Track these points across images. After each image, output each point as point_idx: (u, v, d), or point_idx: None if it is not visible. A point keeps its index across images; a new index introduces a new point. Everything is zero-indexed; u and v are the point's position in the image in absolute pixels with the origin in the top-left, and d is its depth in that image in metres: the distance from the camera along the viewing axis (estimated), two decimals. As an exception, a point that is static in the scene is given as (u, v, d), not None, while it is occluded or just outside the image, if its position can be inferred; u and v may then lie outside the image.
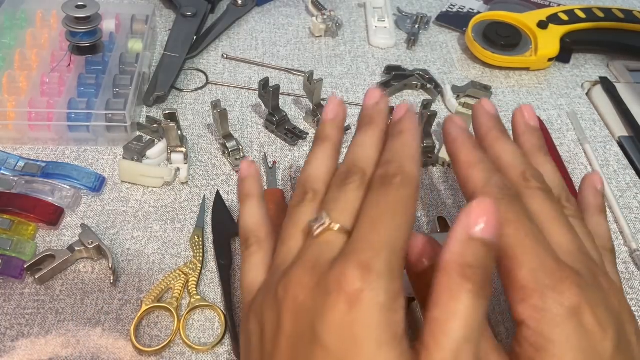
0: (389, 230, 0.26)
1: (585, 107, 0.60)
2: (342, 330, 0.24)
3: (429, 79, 0.59)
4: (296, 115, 0.56)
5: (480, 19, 0.66)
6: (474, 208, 0.25)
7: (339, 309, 0.24)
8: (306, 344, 0.24)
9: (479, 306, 0.24)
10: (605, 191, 0.50)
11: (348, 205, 0.29)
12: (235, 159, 0.49)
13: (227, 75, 0.60)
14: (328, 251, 0.27)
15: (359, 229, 0.27)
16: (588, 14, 0.66)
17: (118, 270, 0.41)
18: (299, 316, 0.25)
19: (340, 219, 0.28)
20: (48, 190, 0.45)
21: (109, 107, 0.49)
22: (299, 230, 0.30)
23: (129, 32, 0.59)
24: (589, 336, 0.26)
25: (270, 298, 0.27)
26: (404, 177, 0.28)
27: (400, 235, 0.27)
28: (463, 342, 0.23)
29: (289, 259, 0.29)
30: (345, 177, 0.30)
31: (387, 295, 0.24)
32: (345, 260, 0.25)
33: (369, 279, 0.24)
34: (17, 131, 0.49)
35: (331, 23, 0.65)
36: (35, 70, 0.52)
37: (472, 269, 0.24)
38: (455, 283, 0.24)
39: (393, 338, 0.24)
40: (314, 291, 0.25)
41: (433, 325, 0.24)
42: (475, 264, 0.24)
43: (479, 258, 0.25)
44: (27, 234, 0.42)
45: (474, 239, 0.25)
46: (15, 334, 0.37)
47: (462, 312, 0.24)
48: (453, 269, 0.24)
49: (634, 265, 0.45)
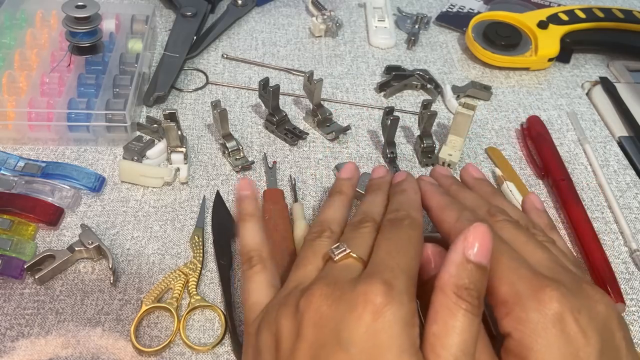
0: (404, 258, 0.30)
1: (585, 107, 0.60)
2: (367, 338, 0.26)
3: (429, 79, 0.59)
4: (296, 115, 0.56)
5: (480, 19, 0.66)
6: (469, 233, 0.28)
7: (365, 319, 0.26)
8: (329, 352, 0.26)
9: (474, 323, 0.27)
10: (605, 191, 0.50)
11: (364, 242, 0.32)
12: (235, 159, 0.49)
13: (227, 75, 0.60)
14: (348, 273, 0.30)
15: (376, 256, 0.30)
16: (588, 14, 0.66)
17: (118, 270, 0.41)
18: (322, 325, 0.27)
19: (357, 250, 0.31)
20: (48, 190, 0.45)
21: (109, 107, 0.49)
22: (317, 257, 0.33)
23: (129, 32, 0.59)
24: (571, 343, 0.27)
25: (289, 311, 0.29)
26: (412, 221, 0.33)
27: (413, 264, 0.30)
28: (461, 354, 0.26)
29: (307, 280, 0.31)
30: (360, 222, 0.34)
31: (407, 311, 0.27)
32: (370, 277, 0.28)
33: (392, 294, 0.27)
34: (17, 131, 0.49)
35: (331, 23, 0.65)
36: (35, 70, 0.52)
37: (467, 290, 0.27)
38: (452, 302, 0.27)
39: (412, 347, 0.26)
40: (337, 303, 0.27)
41: (433, 340, 0.26)
42: (470, 285, 0.27)
43: (473, 280, 0.27)
44: (27, 234, 0.42)
45: (469, 262, 0.27)
46: (15, 334, 0.37)
47: (459, 328, 0.26)
48: (450, 289, 0.27)
49: (634, 266, 0.45)
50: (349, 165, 0.42)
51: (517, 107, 0.59)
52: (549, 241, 0.35)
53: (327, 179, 0.49)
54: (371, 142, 0.53)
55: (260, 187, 0.48)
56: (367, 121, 0.56)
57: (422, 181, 0.40)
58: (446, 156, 0.51)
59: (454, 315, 0.26)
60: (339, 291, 0.28)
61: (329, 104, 0.56)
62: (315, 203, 0.47)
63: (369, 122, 0.56)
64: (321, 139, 0.53)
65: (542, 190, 0.50)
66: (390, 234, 0.32)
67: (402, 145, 0.53)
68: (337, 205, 0.38)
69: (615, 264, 0.44)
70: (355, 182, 0.42)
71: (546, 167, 0.51)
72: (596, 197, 0.50)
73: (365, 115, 0.56)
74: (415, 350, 0.26)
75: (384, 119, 0.50)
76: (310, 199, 0.48)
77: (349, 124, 0.54)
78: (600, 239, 0.45)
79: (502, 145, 0.54)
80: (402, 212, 0.34)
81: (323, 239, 0.34)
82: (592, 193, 0.50)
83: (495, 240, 0.31)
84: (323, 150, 0.52)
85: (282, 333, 0.28)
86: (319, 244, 0.34)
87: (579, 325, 0.27)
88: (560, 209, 0.48)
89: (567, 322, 0.27)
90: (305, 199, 0.48)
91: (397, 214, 0.34)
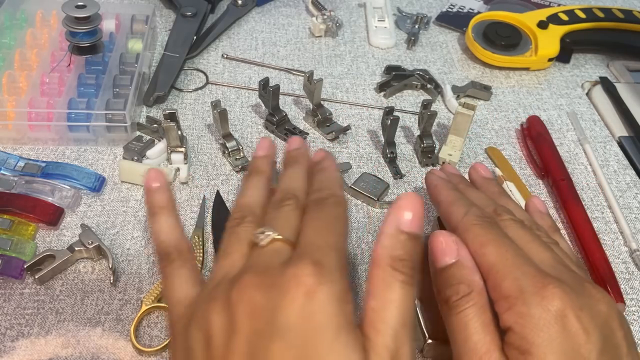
0: (333, 236, 0.29)
1: (585, 107, 0.60)
2: (302, 321, 0.25)
3: (429, 79, 0.59)
4: (296, 115, 0.56)
5: (480, 19, 0.66)
6: (401, 202, 0.28)
7: (298, 302, 0.25)
8: (265, 341, 0.25)
9: (410, 293, 0.27)
10: (605, 191, 0.50)
11: (288, 221, 0.31)
12: (235, 159, 0.49)
13: (227, 75, 0.60)
14: (277, 258, 0.28)
15: (305, 237, 0.29)
16: (588, 14, 0.66)
17: (118, 270, 0.41)
18: (256, 315, 0.26)
19: (283, 232, 0.30)
20: (48, 190, 0.45)
21: (109, 107, 0.49)
22: (242, 244, 0.31)
23: (129, 32, 0.59)
24: (572, 339, 0.27)
25: (219, 305, 0.27)
26: (337, 199, 0.32)
27: (342, 240, 0.30)
28: (400, 327, 0.26)
29: (234, 270, 0.29)
30: (281, 201, 0.33)
31: (340, 288, 0.26)
32: (299, 258, 0.27)
33: (323, 272, 0.26)
34: (17, 131, 0.49)
35: (331, 23, 0.65)
36: (35, 70, 0.52)
37: (402, 262, 0.27)
38: (388, 275, 0.27)
39: (349, 324, 0.25)
40: (270, 290, 0.26)
41: (372, 314, 0.26)
42: (404, 256, 0.27)
43: (407, 250, 0.27)
44: (27, 234, 0.42)
45: (402, 233, 0.28)
46: (15, 334, 0.37)
47: (396, 301, 0.26)
48: (385, 261, 0.27)
49: (633, 265, 0.45)
50: (263, 142, 0.39)
51: (517, 107, 0.59)
52: (553, 242, 0.35)
53: (327, 179, 0.49)
54: (371, 142, 0.53)
55: (260, 187, 0.48)
56: (367, 121, 0.56)
57: (433, 175, 0.40)
58: (446, 156, 0.51)
59: (391, 288, 0.27)
60: (270, 278, 0.27)
61: (329, 104, 0.56)
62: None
63: (369, 122, 0.56)
64: (321, 139, 0.53)
65: (542, 190, 0.50)
66: (317, 213, 0.31)
67: (402, 145, 0.53)
68: (256, 185, 0.36)
69: (615, 264, 0.44)
70: (272, 158, 0.39)
71: (546, 167, 0.51)
72: (596, 197, 0.50)
73: (365, 115, 0.56)
74: (352, 326, 0.26)
75: (384, 119, 0.50)
76: (310, 199, 0.48)
77: (349, 124, 0.54)
78: (600, 239, 0.45)
79: (502, 145, 0.54)
80: (326, 190, 0.33)
81: (246, 224, 0.32)
82: (592, 193, 0.50)
83: (501, 236, 0.32)
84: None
85: (214, 329, 0.27)
86: (243, 230, 0.32)
87: (580, 322, 0.27)
88: (560, 209, 0.48)
89: (569, 319, 0.27)
90: (305, 199, 0.47)
91: (321, 194, 0.33)
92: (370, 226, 0.46)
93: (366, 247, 0.44)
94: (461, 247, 0.32)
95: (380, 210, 0.47)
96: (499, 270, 0.30)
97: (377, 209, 0.47)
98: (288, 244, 0.29)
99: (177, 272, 0.32)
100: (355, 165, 0.51)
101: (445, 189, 0.38)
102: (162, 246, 0.33)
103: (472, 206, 0.35)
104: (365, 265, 0.43)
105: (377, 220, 0.46)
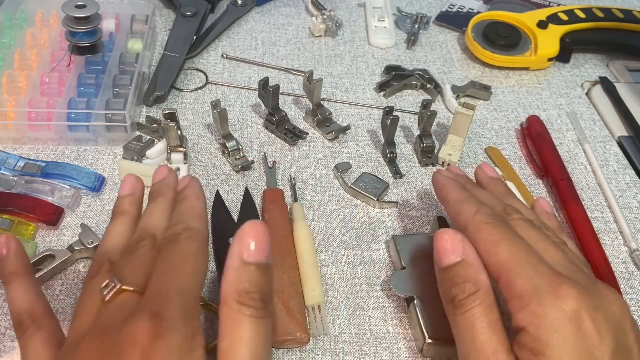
0: (178, 277, 0.27)
1: (585, 107, 0.60)
2: None
3: (429, 79, 0.59)
4: (296, 115, 0.56)
5: (480, 19, 0.66)
6: (244, 232, 0.26)
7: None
8: None
9: (262, 325, 0.26)
10: (605, 191, 0.50)
11: (140, 267, 0.29)
12: (235, 159, 0.49)
13: (227, 75, 0.60)
14: (122, 313, 0.27)
15: (151, 284, 0.27)
16: (588, 14, 0.66)
17: (118, 270, 0.41)
18: None
19: (132, 280, 0.28)
20: (48, 190, 0.45)
21: (109, 107, 0.49)
22: (92, 302, 0.29)
23: (129, 32, 0.59)
24: (587, 341, 0.27)
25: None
26: (190, 233, 0.30)
27: (192, 281, 0.28)
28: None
29: (83, 332, 0.27)
30: (137, 243, 0.31)
31: (183, 337, 0.25)
32: (136, 315, 0.25)
33: (161, 326, 0.25)
34: (17, 131, 0.49)
35: (331, 23, 0.65)
36: (35, 70, 0.52)
37: (249, 295, 0.26)
38: (235, 311, 0.25)
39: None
40: (108, 354, 0.25)
41: (223, 356, 0.25)
42: (251, 288, 0.26)
43: (254, 282, 0.26)
44: (27, 234, 0.42)
45: (246, 264, 0.26)
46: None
47: (246, 338, 0.25)
48: (232, 297, 0.26)
49: (633, 266, 0.45)
50: (127, 179, 0.36)
51: (517, 107, 0.59)
52: (562, 243, 0.34)
53: (327, 179, 0.49)
54: (371, 142, 0.53)
55: (260, 187, 0.48)
56: (367, 121, 0.56)
57: (440, 174, 0.40)
58: (446, 156, 0.51)
59: (240, 325, 0.25)
60: (109, 339, 0.25)
61: (329, 104, 0.56)
62: (315, 203, 0.47)
63: (369, 122, 0.56)
64: (321, 139, 0.53)
65: (542, 190, 0.50)
66: (167, 253, 0.29)
67: (402, 145, 0.53)
68: (118, 229, 0.33)
69: (615, 263, 0.44)
70: (138, 198, 0.36)
71: (546, 167, 0.51)
72: (596, 197, 0.50)
73: (365, 115, 0.56)
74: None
75: (384, 119, 0.50)
76: (310, 199, 0.48)
77: (349, 124, 0.54)
78: (600, 239, 0.45)
79: (502, 145, 0.54)
80: (181, 225, 0.30)
81: (100, 277, 0.30)
82: (592, 193, 0.50)
83: (514, 235, 0.32)
84: (323, 150, 0.52)
85: None
86: (97, 283, 0.29)
87: (595, 324, 0.27)
88: (560, 209, 0.48)
89: (583, 321, 0.27)
90: (305, 199, 0.48)
91: (175, 229, 0.30)
92: (370, 226, 0.46)
93: (366, 247, 0.44)
94: (467, 245, 0.32)
95: (380, 210, 0.47)
96: (512, 269, 0.29)
97: (377, 209, 0.47)
98: (135, 294, 0.28)
99: (31, 341, 0.30)
100: (355, 165, 0.51)
101: (454, 188, 0.38)
102: (14, 315, 0.31)
103: (482, 205, 0.34)
104: (364, 265, 0.43)
105: (377, 220, 0.46)
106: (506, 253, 0.30)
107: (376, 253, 0.44)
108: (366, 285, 0.42)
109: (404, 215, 0.47)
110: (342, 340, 0.38)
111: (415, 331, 0.38)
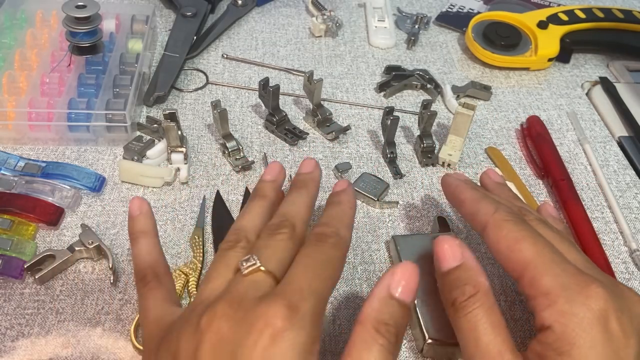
0: (319, 280, 0.29)
1: (585, 107, 0.60)
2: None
3: (429, 79, 0.59)
4: (296, 115, 0.56)
5: (480, 19, 0.66)
6: (397, 270, 0.28)
7: (262, 344, 0.25)
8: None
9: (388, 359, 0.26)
10: (605, 191, 0.50)
11: (277, 253, 0.30)
12: (235, 159, 0.49)
13: (227, 75, 0.60)
14: (255, 290, 0.28)
15: (291, 274, 0.29)
16: (588, 14, 0.66)
17: (118, 270, 0.41)
18: (219, 347, 0.25)
19: (268, 263, 0.29)
20: (48, 190, 0.45)
21: (109, 107, 0.49)
22: (229, 269, 0.30)
23: (129, 32, 0.59)
24: (613, 342, 0.27)
25: (190, 330, 0.27)
26: (338, 240, 0.31)
27: (327, 286, 0.29)
28: None
29: (213, 295, 0.29)
30: (277, 228, 0.32)
31: (308, 338, 0.26)
32: (274, 298, 0.27)
33: (294, 318, 0.26)
34: (17, 131, 0.49)
35: (331, 23, 0.65)
36: (35, 70, 0.52)
37: (386, 326, 0.26)
38: (369, 336, 0.26)
39: None
40: (238, 324, 0.26)
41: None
42: (389, 321, 0.27)
43: (394, 316, 0.27)
44: (27, 234, 0.42)
45: (392, 298, 0.27)
46: (15, 334, 0.37)
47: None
48: (370, 322, 0.27)
49: (633, 266, 0.45)
50: (273, 165, 0.39)
51: (517, 107, 0.59)
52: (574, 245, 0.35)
53: (327, 179, 0.49)
54: (371, 142, 0.53)
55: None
56: (367, 121, 0.56)
57: (451, 177, 0.40)
58: (446, 156, 0.51)
59: (369, 350, 0.26)
60: (242, 311, 0.26)
61: (329, 104, 0.56)
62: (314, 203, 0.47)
63: (369, 122, 0.56)
64: (321, 139, 0.53)
65: (542, 190, 0.50)
66: (312, 250, 0.30)
67: (402, 145, 0.53)
68: (257, 210, 0.35)
69: (615, 263, 0.44)
70: (279, 184, 0.38)
71: (546, 167, 0.51)
72: (596, 197, 0.50)
73: (365, 115, 0.56)
74: None
75: (384, 119, 0.50)
76: (310, 199, 0.48)
77: (349, 124, 0.54)
78: (600, 239, 0.45)
79: (502, 145, 0.54)
80: (331, 228, 0.32)
81: (237, 250, 0.32)
82: (592, 193, 0.50)
83: (535, 233, 0.32)
84: (323, 150, 0.52)
85: (180, 353, 0.27)
86: (232, 255, 0.31)
87: (620, 325, 0.27)
88: (560, 209, 0.48)
89: (610, 321, 0.27)
90: (305, 199, 0.47)
91: (325, 229, 0.32)
92: (370, 226, 0.46)
93: (366, 247, 0.44)
94: (465, 249, 0.32)
95: (380, 210, 0.47)
96: (537, 266, 0.29)
97: (377, 209, 0.47)
98: (270, 276, 0.29)
99: (152, 293, 0.32)
100: (355, 165, 0.51)
101: (468, 188, 0.37)
102: (138, 268, 0.34)
103: (500, 204, 0.34)
104: (364, 265, 0.43)
105: (377, 220, 0.46)
106: (530, 250, 0.30)
107: (376, 253, 0.44)
108: (366, 285, 0.42)
109: (404, 215, 0.47)
110: (342, 340, 0.38)
111: (415, 331, 0.38)
